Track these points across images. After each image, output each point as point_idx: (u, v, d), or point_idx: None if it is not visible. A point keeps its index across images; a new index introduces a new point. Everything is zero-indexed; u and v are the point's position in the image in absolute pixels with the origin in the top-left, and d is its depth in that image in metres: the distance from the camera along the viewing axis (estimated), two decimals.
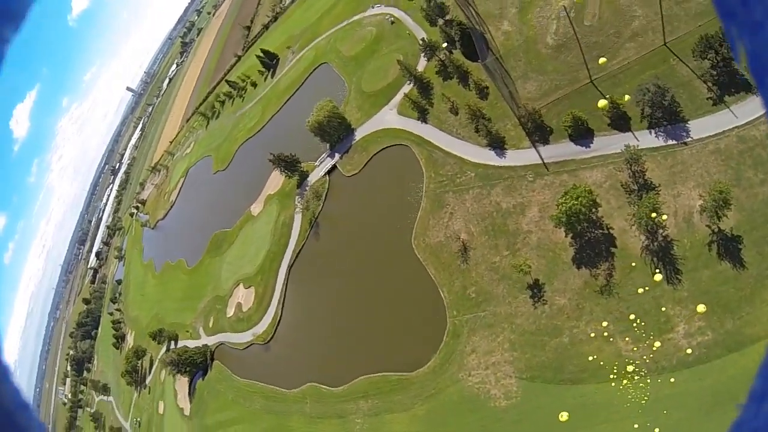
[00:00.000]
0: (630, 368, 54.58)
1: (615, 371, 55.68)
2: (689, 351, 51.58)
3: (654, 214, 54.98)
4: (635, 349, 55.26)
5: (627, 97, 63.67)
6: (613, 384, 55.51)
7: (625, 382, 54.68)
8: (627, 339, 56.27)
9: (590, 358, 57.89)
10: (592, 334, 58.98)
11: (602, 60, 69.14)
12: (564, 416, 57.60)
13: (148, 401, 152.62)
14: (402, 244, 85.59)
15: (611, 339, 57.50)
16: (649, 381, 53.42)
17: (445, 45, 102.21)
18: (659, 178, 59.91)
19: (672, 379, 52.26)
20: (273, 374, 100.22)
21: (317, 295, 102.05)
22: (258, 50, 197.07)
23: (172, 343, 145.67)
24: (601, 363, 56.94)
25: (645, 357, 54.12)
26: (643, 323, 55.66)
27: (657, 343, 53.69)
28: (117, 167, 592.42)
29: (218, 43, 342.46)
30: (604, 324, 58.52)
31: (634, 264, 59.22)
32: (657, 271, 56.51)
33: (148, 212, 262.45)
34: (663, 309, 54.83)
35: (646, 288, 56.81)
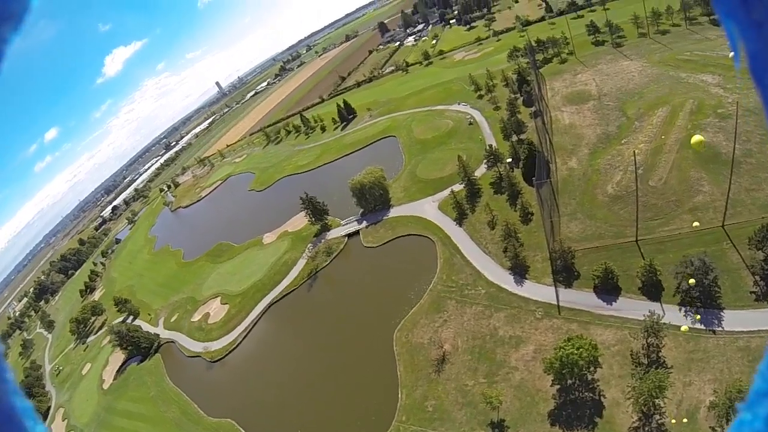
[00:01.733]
0: None
1: None
2: None
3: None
4: None
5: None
6: None
7: None
8: None
9: None
10: None
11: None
12: None
13: (78, 357, 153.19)
14: (385, 330, 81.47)
15: None
16: None
17: (509, 160, 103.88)
18: (674, 359, 53.90)
19: None
20: (201, 394, 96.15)
21: (282, 341, 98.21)
22: (341, 101, 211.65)
23: (131, 317, 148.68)
24: None
25: None
26: None
27: None
28: (172, 144, 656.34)
29: (311, 80, 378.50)
30: None
31: None
32: None
33: (176, 195, 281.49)
34: None
35: None
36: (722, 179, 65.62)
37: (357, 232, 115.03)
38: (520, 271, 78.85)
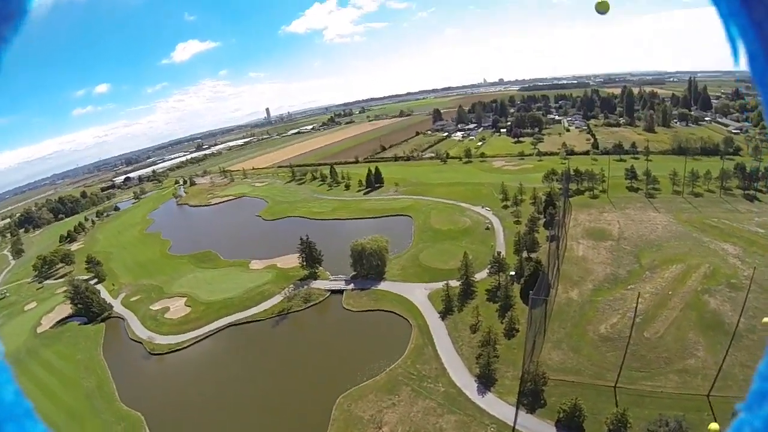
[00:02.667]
0: None
1: None
2: None
3: None
4: None
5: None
6: None
7: None
8: None
9: None
10: None
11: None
12: None
13: (29, 292, 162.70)
14: (330, 391, 78.37)
15: None
16: None
17: (512, 273, 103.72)
18: None
19: None
20: (125, 379, 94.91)
21: (227, 364, 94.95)
22: (374, 167, 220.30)
23: (95, 279, 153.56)
24: None
25: None
26: None
27: None
28: (204, 147, 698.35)
29: (353, 140, 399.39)
30: None
31: None
32: None
33: (188, 192, 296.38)
34: None
35: None
36: (719, 349, 64.24)
37: (341, 292, 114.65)
38: (486, 382, 75.89)
